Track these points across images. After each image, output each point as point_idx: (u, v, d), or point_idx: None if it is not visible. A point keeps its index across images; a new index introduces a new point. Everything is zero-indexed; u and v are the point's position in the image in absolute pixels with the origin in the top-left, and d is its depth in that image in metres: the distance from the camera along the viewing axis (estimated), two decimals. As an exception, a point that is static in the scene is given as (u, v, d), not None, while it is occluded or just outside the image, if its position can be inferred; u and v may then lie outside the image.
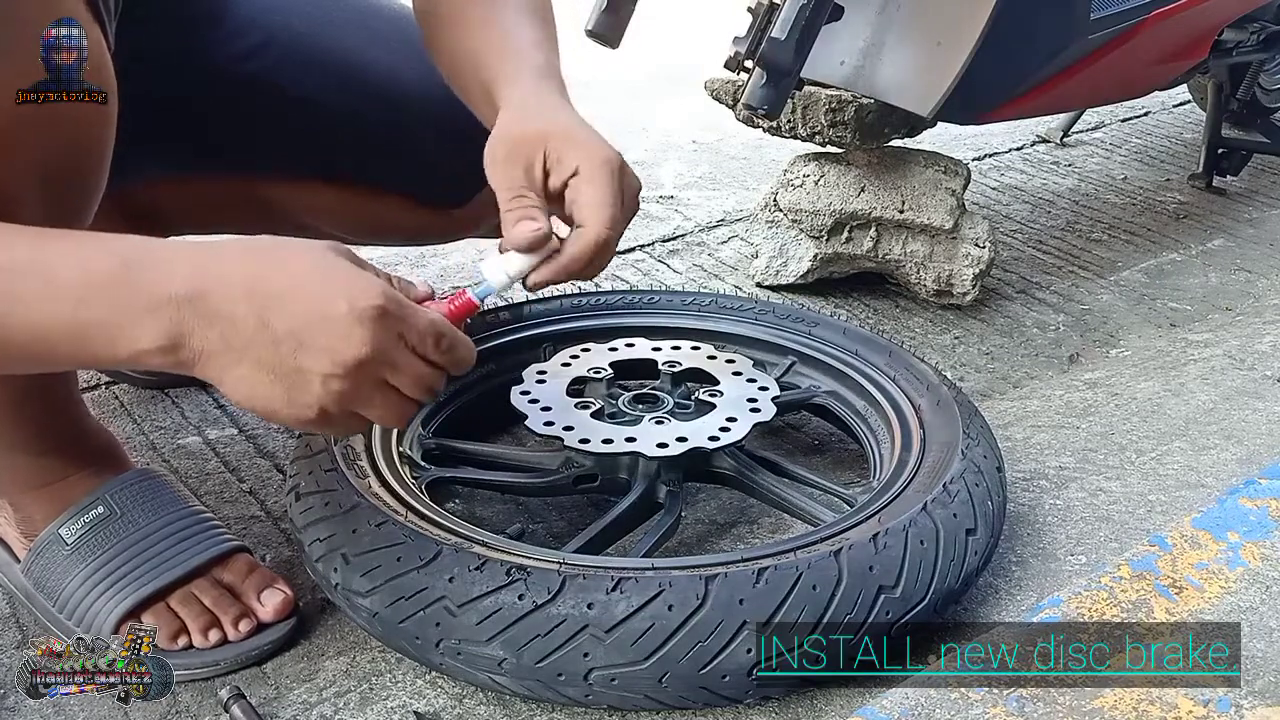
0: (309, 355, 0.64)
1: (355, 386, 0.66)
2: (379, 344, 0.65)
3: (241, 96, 1.03)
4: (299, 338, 0.64)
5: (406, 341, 0.67)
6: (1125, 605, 0.80)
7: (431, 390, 0.70)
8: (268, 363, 0.64)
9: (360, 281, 0.65)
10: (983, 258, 1.40)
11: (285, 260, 0.65)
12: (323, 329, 0.64)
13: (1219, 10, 1.54)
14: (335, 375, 0.65)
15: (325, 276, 0.65)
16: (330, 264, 0.66)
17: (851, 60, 1.28)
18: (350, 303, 0.64)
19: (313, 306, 0.64)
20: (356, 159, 1.07)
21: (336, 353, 0.64)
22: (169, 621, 0.82)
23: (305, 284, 0.64)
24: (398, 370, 0.67)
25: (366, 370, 0.66)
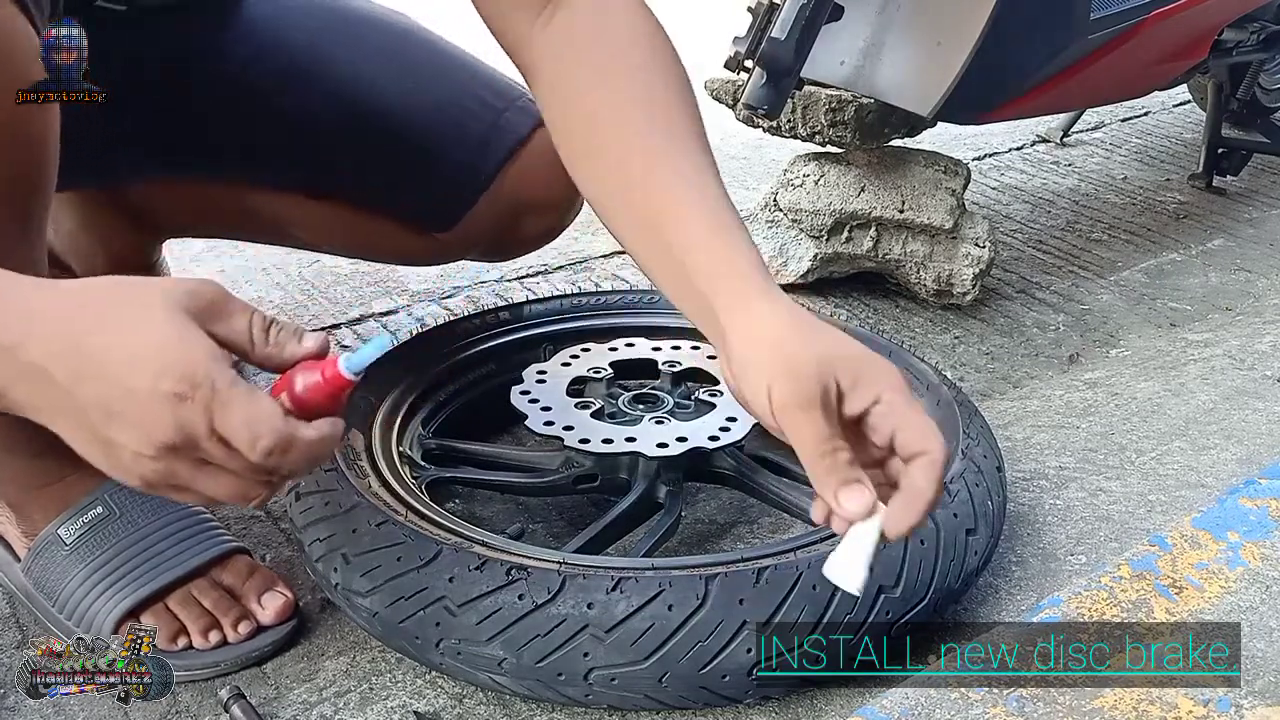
0: (117, 428, 0.58)
1: (169, 467, 0.59)
2: (181, 430, 0.57)
3: (233, 106, 1.03)
4: (106, 408, 0.58)
5: (219, 435, 0.58)
6: (1125, 605, 0.80)
7: (264, 487, 0.61)
8: (80, 426, 0.59)
9: (177, 356, 0.57)
10: (983, 257, 1.40)
11: (111, 317, 0.58)
12: (128, 403, 0.57)
13: (1219, 10, 1.54)
14: (143, 454, 0.58)
15: (142, 343, 0.57)
16: (156, 329, 0.58)
17: (851, 60, 1.28)
18: (155, 380, 0.57)
19: (121, 377, 0.57)
20: (342, 177, 1.06)
21: (142, 431, 0.58)
22: (168, 623, 0.82)
23: (120, 349, 0.57)
24: (212, 459, 0.59)
25: (178, 454, 0.59)
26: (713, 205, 0.71)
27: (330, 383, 0.62)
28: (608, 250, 1.61)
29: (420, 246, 1.12)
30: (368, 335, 1.34)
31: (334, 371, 0.62)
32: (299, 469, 0.61)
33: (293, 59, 1.03)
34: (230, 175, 1.09)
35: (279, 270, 1.48)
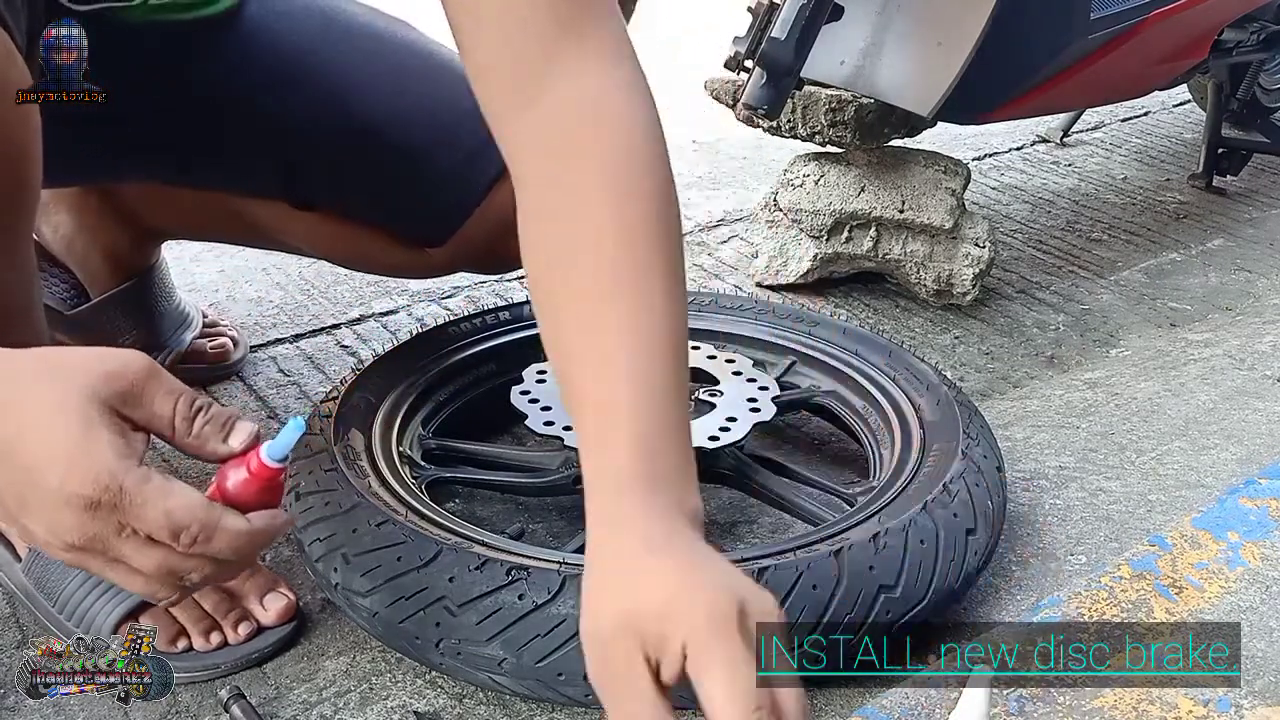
0: (29, 518, 0.57)
1: (79, 560, 0.58)
2: (89, 534, 0.56)
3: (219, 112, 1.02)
4: (20, 498, 0.57)
5: (134, 530, 0.57)
6: (1125, 605, 0.80)
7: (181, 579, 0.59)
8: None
9: (82, 458, 0.55)
10: (983, 257, 1.40)
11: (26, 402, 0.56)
12: (38, 499, 0.56)
13: (1219, 10, 1.54)
14: (54, 546, 0.58)
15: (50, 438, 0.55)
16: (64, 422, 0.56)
17: (851, 60, 1.28)
18: (60, 482, 0.55)
19: (30, 472, 0.56)
20: (328, 186, 1.05)
21: (50, 527, 0.57)
22: (168, 624, 0.82)
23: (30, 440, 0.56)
24: (125, 556, 0.58)
25: (85, 552, 0.57)
26: (621, 397, 0.64)
27: (258, 476, 0.60)
28: (608, 250, 1.61)
29: (411, 261, 1.11)
30: (368, 335, 1.34)
31: (259, 464, 0.60)
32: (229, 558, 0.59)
33: (283, 66, 1.03)
34: (217, 183, 1.09)
35: (279, 270, 1.48)
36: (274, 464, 0.60)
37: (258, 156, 1.04)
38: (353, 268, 1.26)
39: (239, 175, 1.07)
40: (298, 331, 1.34)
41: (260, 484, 0.61)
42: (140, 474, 0.56)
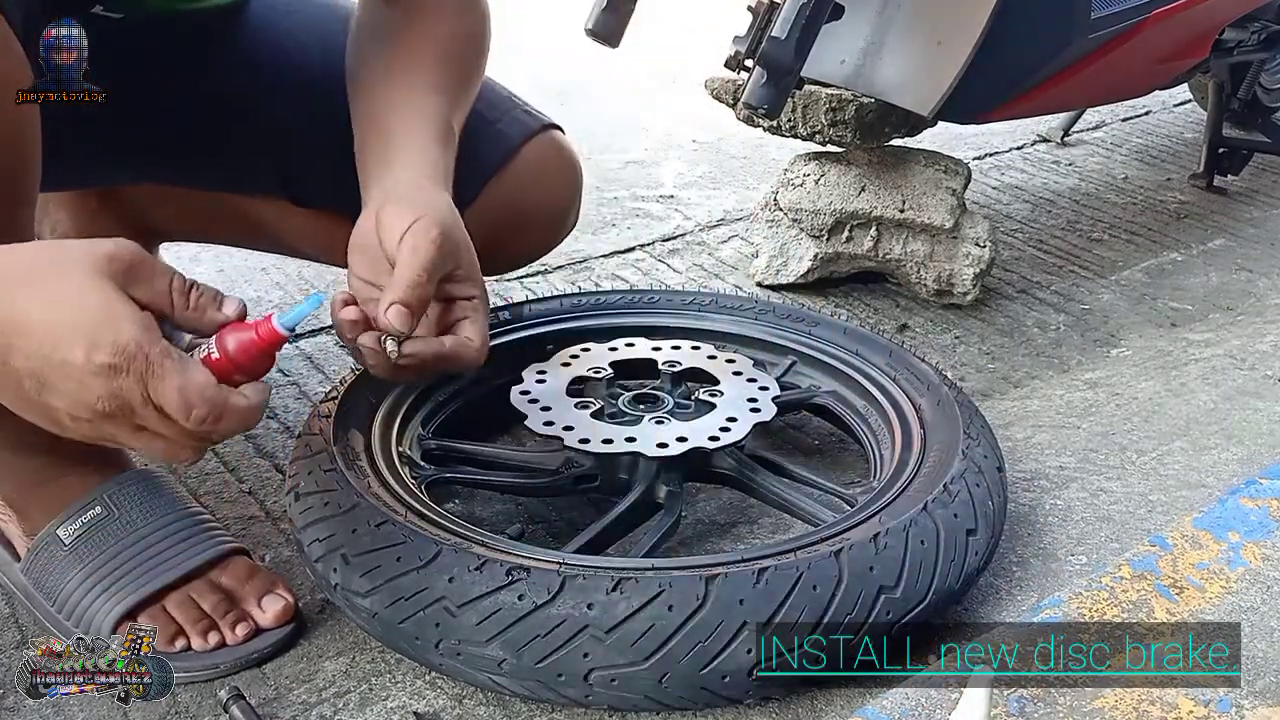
0: (52, 395, 0.61)
1: (103, 430, 0.63)
2: (116, 400, 0.61)
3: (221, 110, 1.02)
4: (40, 378, 0.61)
5: (153, 403, 0.62)
6: (1126, 605, 0.80)
7: (197, 449, 0.65)
8: (15, 394, 0.62)
9: (106, 330, 0.60)
10: (983, 257, 1.40)
11: (39, 289, 0.61)
12: (60, 374, 0.60)
13: (1220, 10, 1.53)
14: (81, 418, 0.62)
15: (72, 316, 0.60)
16: (83, 300, 0.60)
17: (852, 59, 1.28)
18: (87, 352, 0.60)
19: (52, 349, 0.60)
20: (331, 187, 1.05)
21: (76, 398, 0.61)
22: (166, 624, 0.82)
23: (50, 322, 0.60)
24: (148, 424, 0.63)
25: (112, 419, 0.62)
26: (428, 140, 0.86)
27: (265, 339, 0.65)
28: (608, 250, 1.61)
29: None
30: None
31: (269, 329, 0.65)
32: (230, 433, 0.65)
33: (286, 64, 1.03)
34: (218, 183, 1.09)
35: (278, 270, 1.48)
36: (284, 332, 0.66)
37: (259, 155, 1.04)
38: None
39: (240, 174, 1.07)
40: (298, 332, 1.34)
41: (263, 349, 0.66)
42: (163, 346, 0.62)
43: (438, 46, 0.91)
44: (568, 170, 1.09)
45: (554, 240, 1.14)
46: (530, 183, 1.05)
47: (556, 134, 1.09)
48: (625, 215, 1.75)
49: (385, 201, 0.80)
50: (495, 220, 1.04)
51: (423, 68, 0.89)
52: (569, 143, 1.10)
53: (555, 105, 1.11)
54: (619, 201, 1.80)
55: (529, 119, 1.07)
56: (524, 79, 1.13)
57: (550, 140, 1.08)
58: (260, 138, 1.03)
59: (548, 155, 1.07)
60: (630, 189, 1.86)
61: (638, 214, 1.75)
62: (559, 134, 1.09)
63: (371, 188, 0.84)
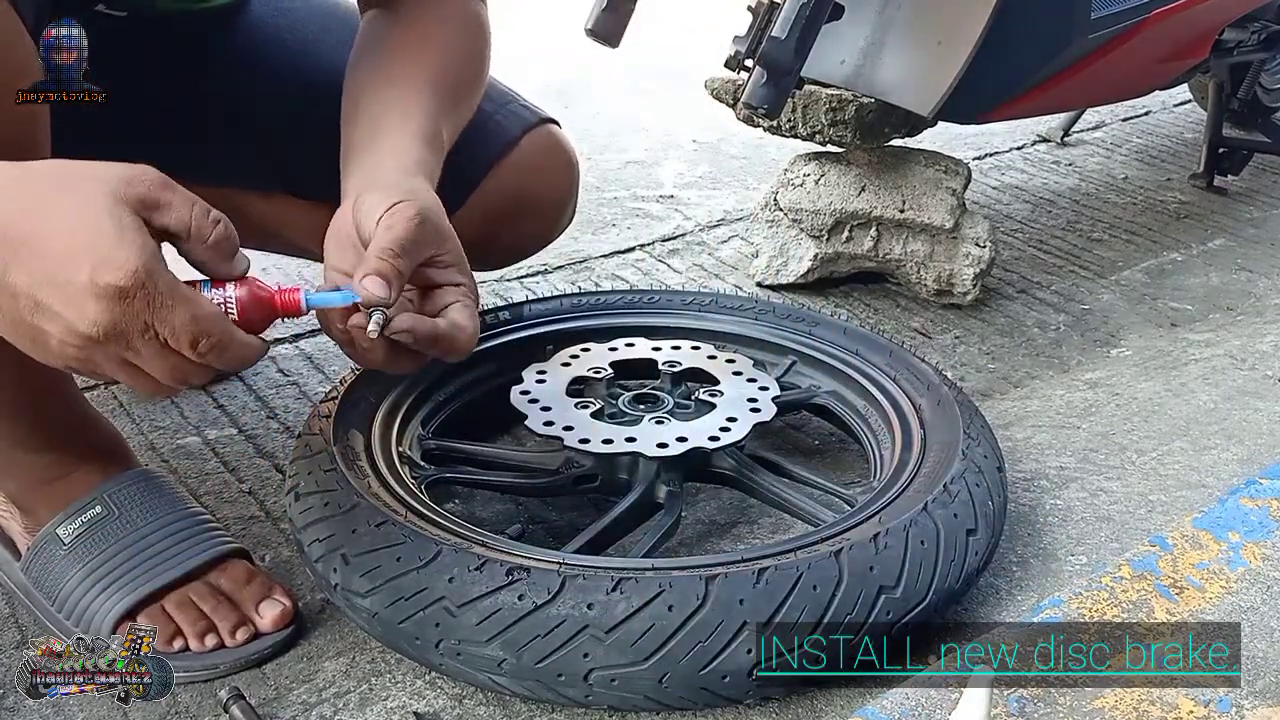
0: (44, 317, 0.60)
1: (91, 357, 0.62)
2: (113, 325, 0.60)
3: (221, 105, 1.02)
4: (35, 297, 0.59)
5: (156, 332, 0.61)
6: (1126, 605, 0.80)
7: (184, 382, 0.65)
8: (7, 312, 0.61)
9: (116, 251, 0.59)
10: (983, 257, 1.40)
11: (49, 205, 0.59)
12: (58, 294, 0.59)
13: (1220, 10, 1.53)
14: (69, 343, 0.61)
15: (80, 235, 0.59)
16: (94, 220, 0.59)
17: (852, 59, 1.28)
18: (91, 274, 0.58)
19: (54, 268, 0.59)
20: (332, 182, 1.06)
21: (69, 322, 0.60)
22: (165, 625, 0.82)
23: (56, 239, 0.59)
24: (138, 354, 0.62)
25: (103, 347, 0.61)
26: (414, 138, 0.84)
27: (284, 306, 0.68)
28: (608, 250, 1.61)
29: None
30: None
31: (294, 299, 0.68)
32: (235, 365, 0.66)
33: (286, 61, 1.03)
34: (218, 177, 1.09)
35: (278, 270, 1.48)
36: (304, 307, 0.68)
37: (259, 150, 1.04)
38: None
39: (241, 170, 1.07)
40: (297, 331, 1.34)
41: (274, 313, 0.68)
42: (171, 278, 0.61)
43: (435, 59, 0.90)
44: (565, 163, 1.10)
45: (552, 233, 1.14)
46: (529, 175, 1.06)
47: (553, 128, 1.09)
48: (625, 215, 1.75)
49: (363, 190, 0.78)
50: (494, 212, 1.05)
51: (417, 77, 0.88)
52: (566, 137, 1.10)
53: (556, 105, 1.11)
54: (619, 201, 1.80)
55: (527, 113, 1.07)
56: (524, 79, 1.12)
57: (548, 134, 1.08)
58: (260, 133, 1.04)
59: (546, 148, 1.07)
60: (630, 189, 1.86)
61: (638, 214, 1.75)
62: (556, 128, 1.09)
63: (350, 180, 0.82)
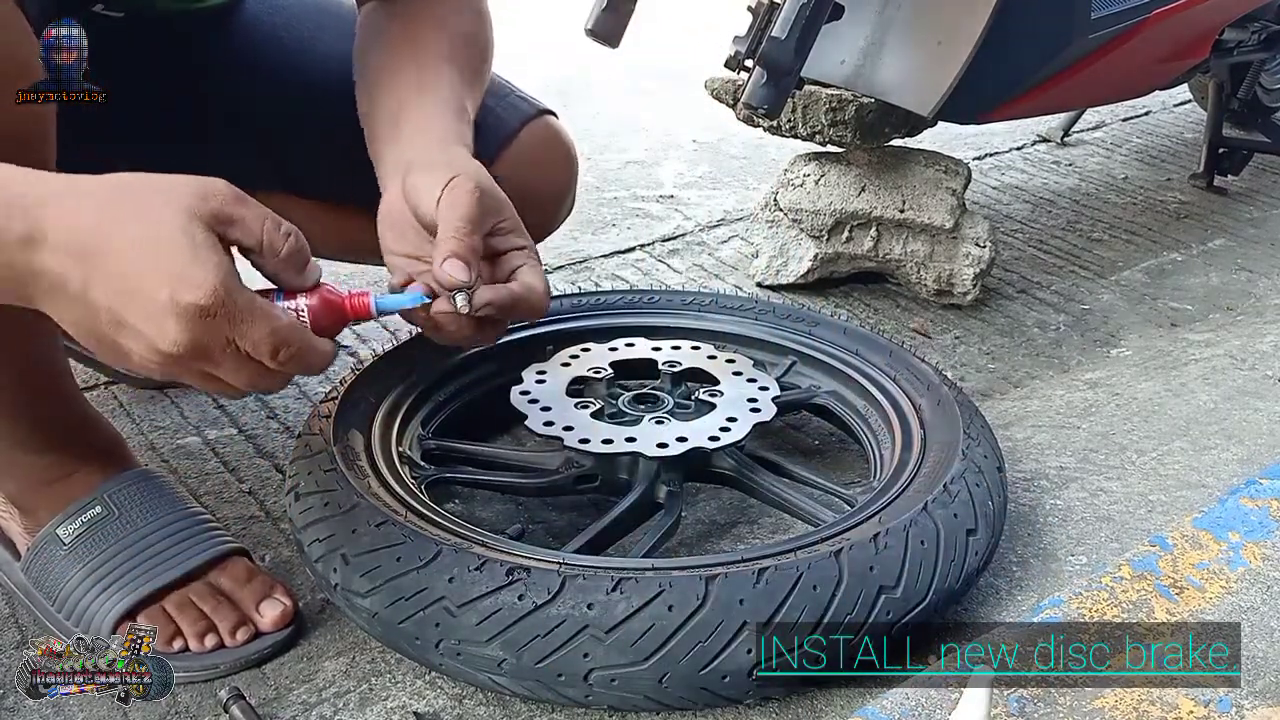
0: (125, 334, 0.61)
1: (173, 370, 0.63)
2: (195, 343, 0.61)
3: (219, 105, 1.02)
4: (116, 315, 0.61)
5: (236, 346, 0.63)
6: (1126, 605, 0.80)
7: (264, 390, 0.67)
8: (87, 326, 0.62)
9: (193, 271, 0.60)
10: (983, 257, 1.40)
11: (127, 221, 0.60)
12: (139, 313, 0.60)
13: (1220, 10, 1.53)
14: (150, 359, 0.62)
15: (158, 253, 0.60)
16: (171, 237, 0.60)
17: (852, 59, 1.28)
18: (172, 294, 0.60)
19: (136, 287, 0.60)
20: (332, 179, 1.05)
21: (150, 341, 0.61)
22: (165, 625, 0.82)
23: (135, 257, 0.60)
24: (218, 367, 0.64)
25: (184, 362, 0.63)
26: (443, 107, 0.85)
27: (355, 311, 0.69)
28: (608, 250, 1.61)
29: None
30: (367, 335, 1.34)
31: (364, 304, 0.70)
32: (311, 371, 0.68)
33: (282, 59, 1.03)
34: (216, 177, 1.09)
35: (279, 270, 1.48)
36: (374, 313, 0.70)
37: (259, 150, 1.04)
38: (353, 258, 1.26)
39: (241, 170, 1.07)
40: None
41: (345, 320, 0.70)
42: (248, 294, 0.63)
43: (447, 40, 0.90)
44: (564, 154, 1.10)
45: (552, 224, 1.14)
46: (528, 166, 1.06)
47: (551, 119, 1.09)
48: (625, 215, 1.75)
49: (409, 170, 0.78)
50: None
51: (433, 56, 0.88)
52: (564, 128, 1.10)
53: (556, 104, 1.11)
54: (619, 201, 1.80)
55: (525, 105, 1.08)
56: (524, 78, 1.12)
57: (546, 124, 1.08)
58: (259, 133, 1.04)
59: (545, 139, 1.08)
60: (630, 189, 1.86)
61: (638, 214, 1.75)
62: (554, 119, 1.09)
63: (387, 163, 0.82)
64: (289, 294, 0.68)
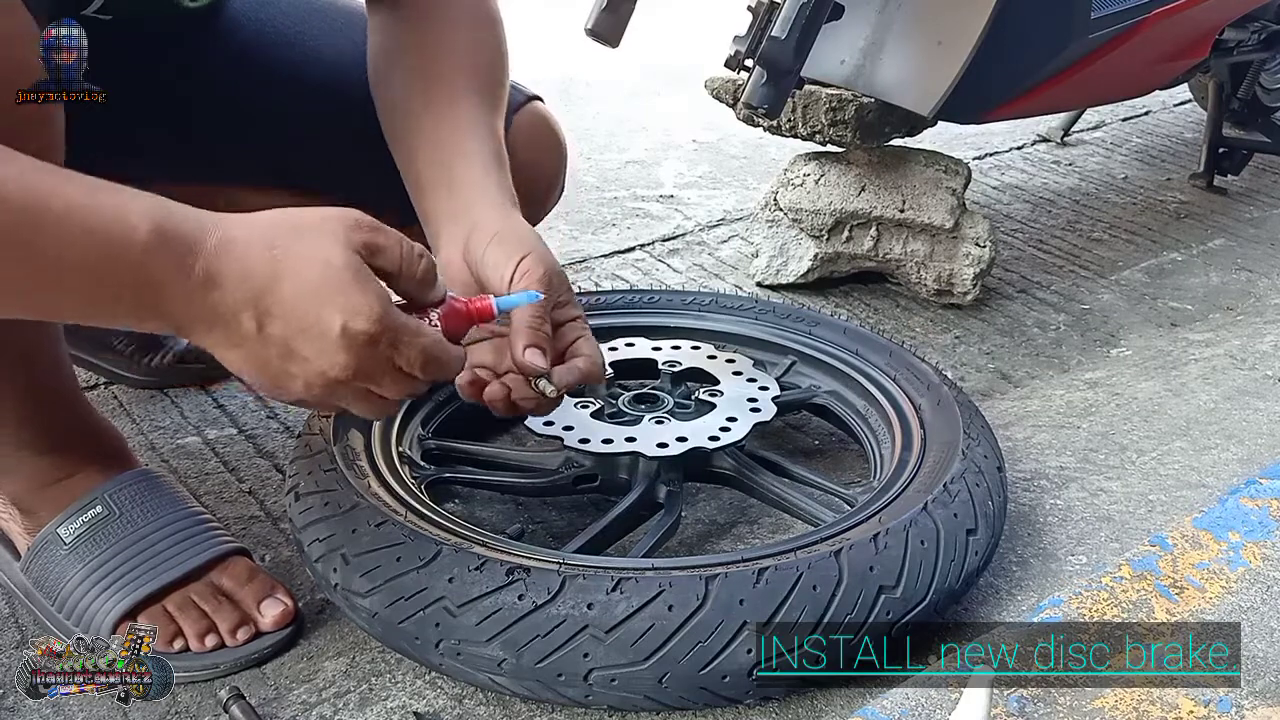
0: (295, 363, 0.66)
1: (333, 394, 0.68)
2: (363, 367, 0.66)
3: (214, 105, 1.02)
4: (289, 346, 0.65)
5: (394, 363, 0.68)
6: (1126, 605, 0.80)
7: (412, 395, 0.72)
8: (257, 359, 0.66)
9: (360, 301, 0.65)
10: (983, 257, 1.40)
11: (291, 259, 0.65)
12: (312, 345, 0.65)
13: (1220, 9, 1.53)
14: (316, 384, 0.67)
15: (328, 290, 0.64)
16: (338, 276, 0.65)
17: (852, 59, 1.28)
18: (344, 324, 0.64)
19: (307, 321, 0.64)
20: (326, 175, 1.05)
21: (320, 368, 0.66)
22: (166, 625, 0.82)
23: (306, 296, 0.64)
24: (379, 385, 0.69)
25: (349, 385, 0.67)
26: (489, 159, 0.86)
27: (479, 313, 0.74)
28: (608, 250, 1.61)
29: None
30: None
31: (486, 305, 0.74)
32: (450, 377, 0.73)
33: (271, 56, 1.03)
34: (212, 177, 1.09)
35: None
36: (495, 311, 0.74)
37: (250, 147, 1.04)
38: None
39: (232, 169, 1.07)
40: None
41: (470, 323, 0.74)
42: (404, 316, 0.68)
43: (471, 61, 0.90)
44: (554, 140, 1.10)
45: (542, 210, 1.14)
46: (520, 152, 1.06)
47: (539, 105, 1.10)
48: (625, 215, 1.75)
49: (471, 233, 0.80)
50: None
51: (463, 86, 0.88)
52: (552, 113, 1.11)
53: (556, 105, 1.11)
54: (619, 201, 1.80)
55: (514, 92, 1.08)
56: (524, 79, 1.12)
57: (535, 111, 1.09)
58: (251, 131, 1.04)
59: (534, 125, 1.08)
60: (630, 189, 1.86)
61: (638, 214, 1.75)
62: (541, 104, 1.10)
63: (440, 218, 0.84)
64: (420, 310, 0.72)
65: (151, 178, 1.10)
